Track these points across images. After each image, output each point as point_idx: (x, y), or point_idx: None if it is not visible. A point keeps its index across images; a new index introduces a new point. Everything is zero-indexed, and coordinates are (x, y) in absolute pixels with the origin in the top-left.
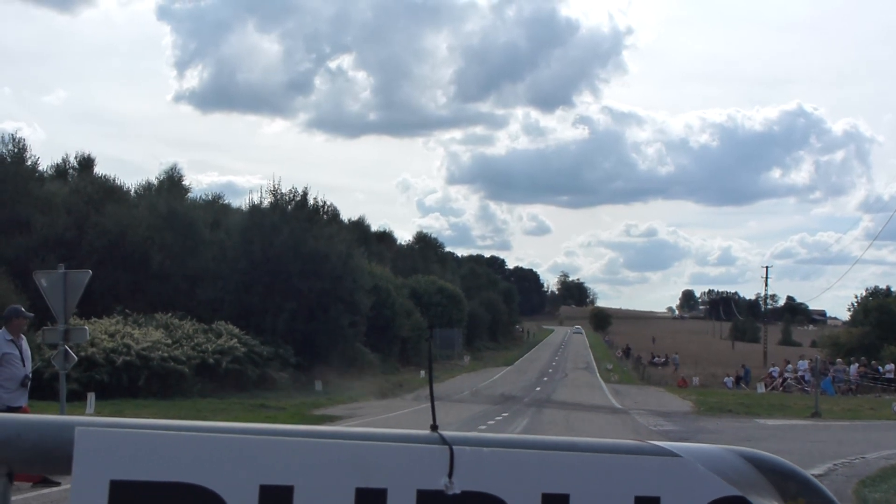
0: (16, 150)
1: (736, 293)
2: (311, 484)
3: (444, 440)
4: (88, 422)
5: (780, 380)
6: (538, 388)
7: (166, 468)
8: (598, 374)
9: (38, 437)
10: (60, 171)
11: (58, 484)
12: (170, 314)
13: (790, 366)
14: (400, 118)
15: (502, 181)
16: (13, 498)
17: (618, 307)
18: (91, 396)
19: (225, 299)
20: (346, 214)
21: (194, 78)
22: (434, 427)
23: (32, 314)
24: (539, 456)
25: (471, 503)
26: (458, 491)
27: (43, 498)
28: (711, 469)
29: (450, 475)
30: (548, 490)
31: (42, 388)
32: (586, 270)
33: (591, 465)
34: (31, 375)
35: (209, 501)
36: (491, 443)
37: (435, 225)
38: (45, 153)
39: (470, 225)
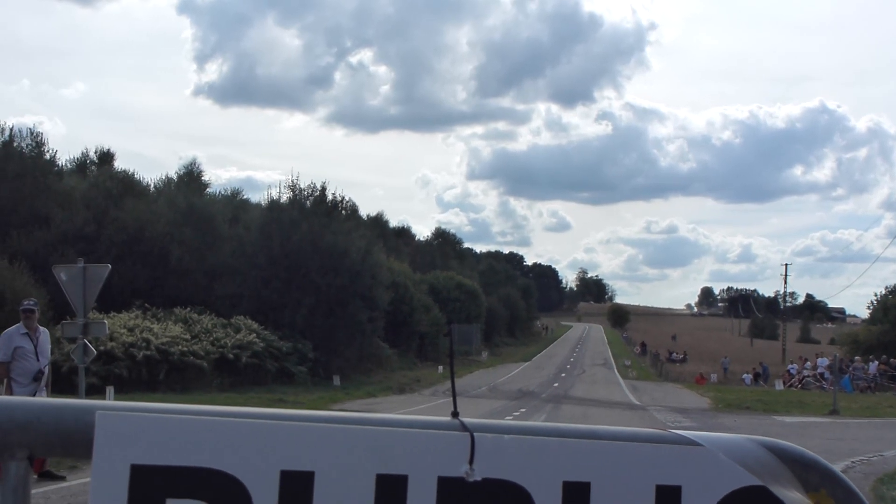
0: (34, 144)
1: (755, 290)
2: (331, 470)
3: (464, 427)
4: (109, 406)
5: (799, 377)
6: (556, 384)
7: (187, 453)
8: (615, 371)
9: (58, 420)
10: (80, 165)
11: (63, 478)
12: (189, 309)
13: (809, 363)
14: (420, 113)
15: (522, 177)
16: (34, 491)
17: (637, 304)
18: (110, 390)
19: (243, 294)
20: (365, 210)
21: (214, 72)
22: (455, 414)
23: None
24: (560, 444)
25: (491, 490)
26: (478, 478)
27: (62, 491)
28: (733, 458)
29: (471, 462)
30: (569, 478)
31: (61, 382)
32: (606, 267)
33: (612, 453)
34: (45, 370)
35: (230, 486)
36: (512, 430)
37: (454, 221)
38: (65, 147)
39: (490, 221)
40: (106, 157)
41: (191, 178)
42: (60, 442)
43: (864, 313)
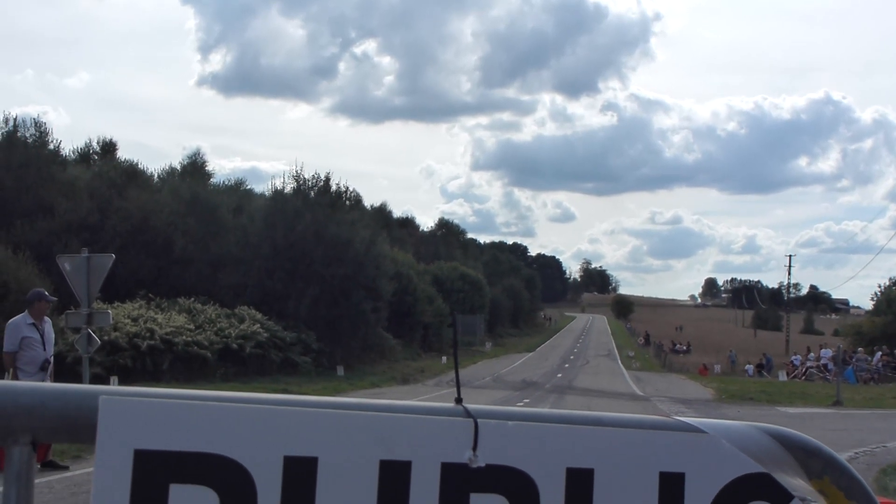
0: (38, 134)
1: (759, 281)
2: (334, 456)
3: (468, 413)
4: (113, 391)
5: (802, 368)
6: (559, 375)
7: (190, 438)
8: (619, 361)
9: (62, 405)
10: (83, 155)
11: (66, 468)
12: (192, 299)
13: (812, 354)
14: (425, 104)
15: (527, 168)
16: (37, 481)
17: (640, 295)
18: (114, 380)
19: (247, 284)
20: (369, 200)
21: (218, 62)
22: (459, 400)
23: (55, 298)
24: (564, 430)
25: (495, 477)
26: (482, 464)
27: (66, 480)
28: (737, 445)
29: (474, 448)
30: (572, 465)
31: (65, 372)
32: (610, 258)
33: (616, 440)
34: (51, 359)
35: (233, 472)
36: (516, 416)
37: (459, 211)
38: (69, 137)
39: (494, 211)
40: (109, 147)
41: (194, 168)
42: (64, 427)
43: (868, 304)
